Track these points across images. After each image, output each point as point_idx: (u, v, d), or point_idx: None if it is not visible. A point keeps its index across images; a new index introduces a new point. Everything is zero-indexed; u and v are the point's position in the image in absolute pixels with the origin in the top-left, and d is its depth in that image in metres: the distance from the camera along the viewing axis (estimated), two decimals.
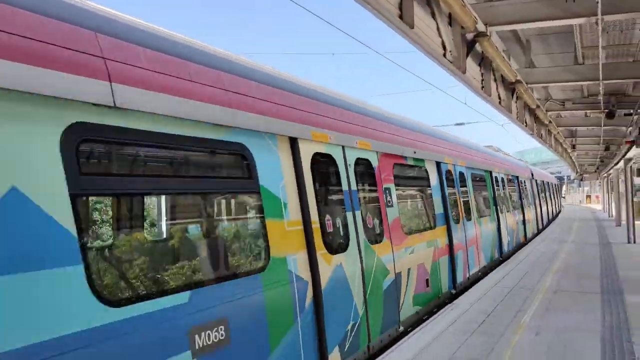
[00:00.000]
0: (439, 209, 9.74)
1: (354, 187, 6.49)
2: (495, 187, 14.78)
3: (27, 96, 2.90)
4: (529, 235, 20.68)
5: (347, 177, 6.39)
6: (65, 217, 2.99)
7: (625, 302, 8.61)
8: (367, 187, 7.19)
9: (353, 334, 6.06)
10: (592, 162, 32.98)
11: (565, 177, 77.16)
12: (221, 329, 3.98)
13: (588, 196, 63.69)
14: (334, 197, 6.34)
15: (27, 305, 2.73)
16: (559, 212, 40.62)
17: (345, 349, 5.85)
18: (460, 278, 10.65)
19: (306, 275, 5.22)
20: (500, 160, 16.67)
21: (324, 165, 6.13)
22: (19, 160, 2.83)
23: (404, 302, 7.67)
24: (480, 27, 5.79)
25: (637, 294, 9.25)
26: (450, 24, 5.81)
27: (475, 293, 9.76)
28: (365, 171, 7.10)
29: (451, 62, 5.87)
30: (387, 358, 6.08)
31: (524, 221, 19.37)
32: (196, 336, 3.73)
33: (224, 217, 5.92)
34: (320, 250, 5.48)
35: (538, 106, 10.70)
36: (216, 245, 5.16)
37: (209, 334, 3.86)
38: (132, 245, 5.17)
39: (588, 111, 13.28)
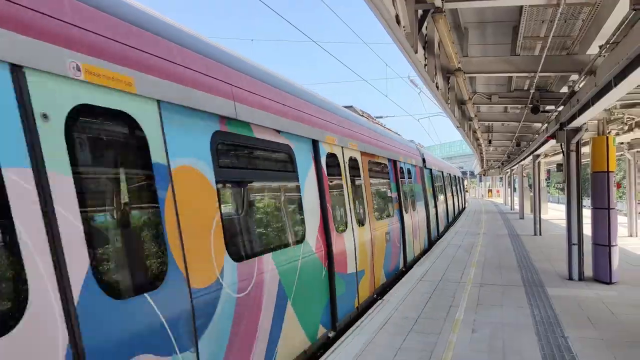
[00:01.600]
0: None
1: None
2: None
3: None
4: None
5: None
6: None
7: (549, 295, 8.72)
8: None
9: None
10: (499, 157, 34.81)
11: (468, 172, 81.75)
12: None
13: (490, 190, 67.82)
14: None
15: None
16: (465, 202, 43.22)
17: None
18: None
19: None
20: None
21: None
22: None
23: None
24: (438, 2, 5.31)
25: (557, 286, 9.45)
26: None
27: (404, 288, 9.49)
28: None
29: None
30: None
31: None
32: None
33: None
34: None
35: (470, 98, 10.64)
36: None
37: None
38: None
39: (509, 106, 13.58)
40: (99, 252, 3.04)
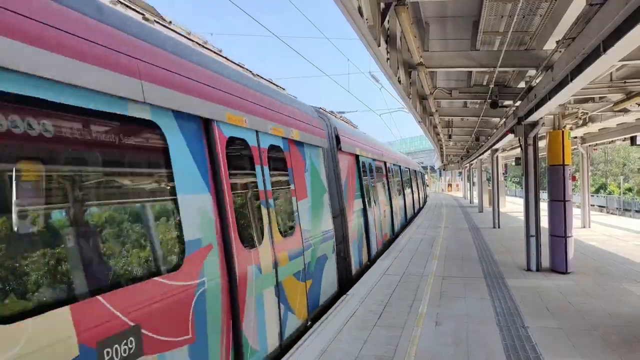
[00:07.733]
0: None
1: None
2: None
3: None
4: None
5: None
6: None
7: (509, 286, 8.90)
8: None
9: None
10: (459, 152, 35.52)
11: (429, 167, 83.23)
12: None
13: (449, 185, 69.20)
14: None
15: None
16: (426, 197, 44.11)
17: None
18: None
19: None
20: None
21: None
22: None
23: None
24: None
25: (516, 277, 9.67)
26: None
27: (368, 282, 9.49)
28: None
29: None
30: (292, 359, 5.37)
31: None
32: None
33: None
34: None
35: (431, 93, 10.73)
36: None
37: None
38: None
39: (469, 101, 13.80)
40: None
